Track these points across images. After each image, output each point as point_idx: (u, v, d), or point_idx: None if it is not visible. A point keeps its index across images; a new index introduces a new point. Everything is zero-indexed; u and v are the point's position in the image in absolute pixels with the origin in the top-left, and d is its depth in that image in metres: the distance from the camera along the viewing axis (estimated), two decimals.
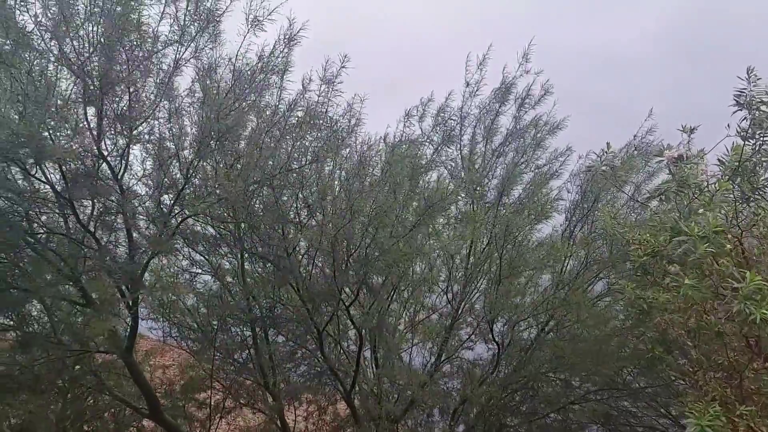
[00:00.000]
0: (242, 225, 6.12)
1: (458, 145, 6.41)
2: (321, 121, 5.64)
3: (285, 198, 5.84)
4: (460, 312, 6.87)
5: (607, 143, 5.60)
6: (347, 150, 5.76)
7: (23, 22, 4.75)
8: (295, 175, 5.66)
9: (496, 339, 6.81)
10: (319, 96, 5.39)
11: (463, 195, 6.42)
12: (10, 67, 4.66)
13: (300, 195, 5.83)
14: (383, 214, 5.56)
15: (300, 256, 6.16)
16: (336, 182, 5.92)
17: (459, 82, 6.39)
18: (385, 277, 6.14)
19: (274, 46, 5.54)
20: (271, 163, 5.65)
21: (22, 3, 4.76)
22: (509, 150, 6.36)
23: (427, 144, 5.90)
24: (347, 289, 6.22)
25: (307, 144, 5.64)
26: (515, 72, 6.10)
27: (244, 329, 6.90)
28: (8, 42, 4.78)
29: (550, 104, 6.25)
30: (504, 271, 6.26)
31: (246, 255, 6.39)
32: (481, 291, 6.96)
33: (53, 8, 4.82)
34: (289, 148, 5.56)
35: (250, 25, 5.32)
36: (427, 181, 6.19)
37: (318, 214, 5.87)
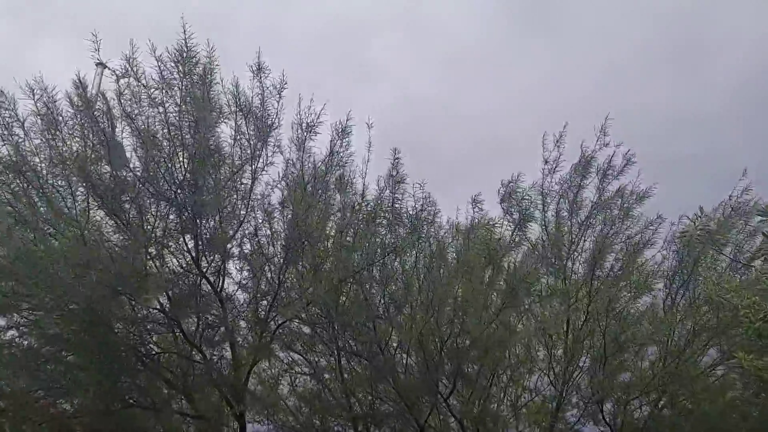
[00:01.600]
0: (335, 323, 6.25)
1: (542, 222, 6.32)
2: (394, 215, 5.75)
3: (372, 293, 5.94)
4: (565, 393, 6.56)
5: (700, 207, 5.34)
6: (427, 241, 5.83)
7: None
8: (377, 270, 5.77)
9: (608, 420, 6.44)
10: (392, 191, 5.53)
11: (552, 271, 6.28)
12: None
13: (385, 290, 5.91)
14: (468, 301, 5.54)
15: (393, 350, 6.18)
16: (418, 273, 5.94)
17: (528, 159, 6.41)
18: (480, 363, 6.01)
19: (331, 144, 5.71)
20: (354, 259, 5.78)
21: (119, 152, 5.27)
22: (596, 222, 6.21)
23: (508, 224, 5.89)
24: (444, 380, 6.14)
25: (385, 239, 5.75)
26: (594, 146, 6.05)
27: (346, 427, 6.89)
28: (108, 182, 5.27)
29: (634, 172, 6.11)
30: (609, 348, 6.00)
31: (341, 352, 6.48)
32: (585, 369, 6.64)
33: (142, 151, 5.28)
34: (369, 244, 5.69)
35: (305, 131, 5.62)
36: (512, 262, 6.12)
37: (405, 307, 5.91)
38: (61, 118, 5.26)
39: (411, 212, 5.56)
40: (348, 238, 5.64)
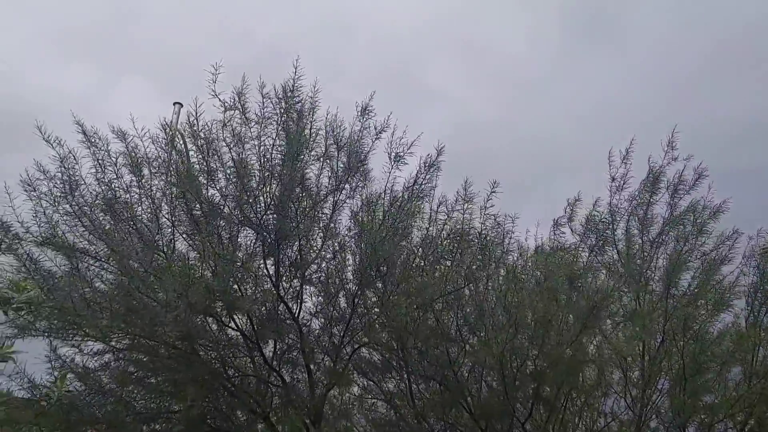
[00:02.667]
0: (406, 348, 6.31)
1: (612, 241, 6.30)
2: (471, 239, 5.83)
3: (446, 318, 6.00)
4: (644, 417, 6.40)
5: None
6: (501, 264, 5.89)
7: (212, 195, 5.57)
8: (452, 295, 5.84)
9: None
10: (464, 214, 5.64)
11: (626, 291, 6.21)
12: (203, 233, 5.43)
13: (460, 314, 5.96)
14: (546, 323, 5.52)
15: (466, 375, 6.18)
16: (492, 296, 5.98)
17: (591, 177, 6.44)
18: (558, 387, 5.95)
19: (417, 175, 5.92)
20: (430, 286, 5.87)
21: (210, 179, 5.59)
22: (668, 239, 6.14)
23: (582, 246, 5.90)
24: (519, 405, 6.09)
25: (461, 264, 5.83)
26: (662, 160, 6.04)
27: None
28: (200, 210, 5.59)
29: (705, 186, 6.05)
30: (688, 369, 5.84)
31: (413, 377, 6.52)
32: (664, 392, 6.47)
33: (234, 179, 5.60)
34: (445, 270, 5.77)
35: (393, 162, 5.82)
36: (587, 283, 6.08)
37: (480, 330, 5.93)
38: (147, 156, 5.68)
39: (484, 236, 5.64)
40: (425, 264, 5.75)
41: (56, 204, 5.43)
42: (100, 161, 5.51)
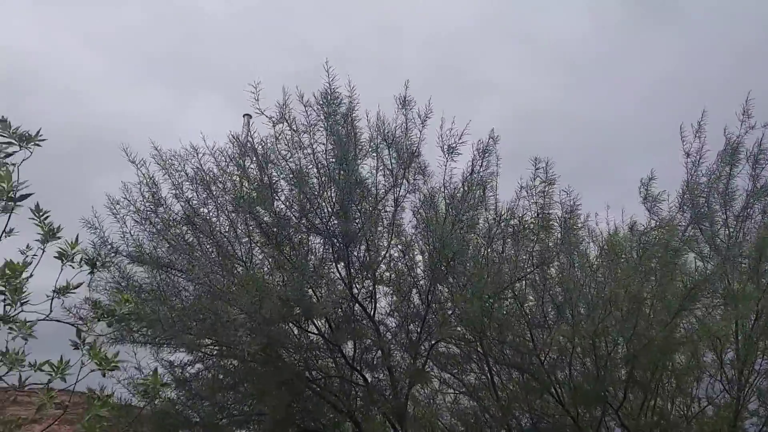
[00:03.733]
0: (485, 339, 6.28)
1: (694, 218, 6.02)
2: (543, 224, 5.73)
3: (527, 304, 5.93)
4: (742, 400, 6.07)
5: None
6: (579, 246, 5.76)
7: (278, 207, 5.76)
8: (531, 278, 5.76)
9: None
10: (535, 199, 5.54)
11: (727, 271, 5.90)
12: (273, 244, 5.63)
13: (545, 297, 5.86)
14: (639, 303, 5.35)
15: (554, 361, 6.08)
16: (580, 276, 5.81)
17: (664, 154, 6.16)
18: (652, 370, 5.75)
19: (472, 163, 5.87)
20: (506, 272, 5.80)
21: (274, 192, 5.77)
22: (755, 213, 5.80)
23: (679, 223, 5.68)
24: (611, 389, 5.92)
25: (536, 247, 5.74)
26: (739, 130, 5.71)
27: None
28: (270, 221, 5.79)
29: None
30: None
31: (495, 368, 6.48)
32: (762, 372, 6.12)
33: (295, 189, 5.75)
34: (518, 255, 5.70)
35: (446, 154, 5.80)
36: (684, 263, 5.83)
37: (567, 312, 5.81)
38: (219, 171, 5.96)
39: (560, 219, 5.53)
40: (495, 253, 5.70)
41: (141, 223, 5.82)
42: (177, 180, 5.82)
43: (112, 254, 5.47)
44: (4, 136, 3.48)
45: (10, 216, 3.74)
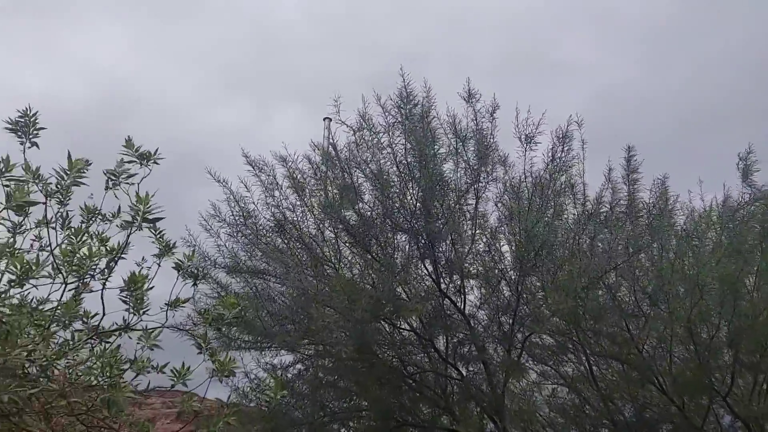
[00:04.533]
0: (581, 330, 6.15)
1: None
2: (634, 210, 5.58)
3: (621, 293, 5.78)
4: None
5: None
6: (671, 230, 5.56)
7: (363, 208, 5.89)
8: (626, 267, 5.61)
9: None
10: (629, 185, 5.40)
11: None
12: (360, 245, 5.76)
13: (636, 286, 5.70)
14: (735, 284, 5.10)
15: (653, 350, 5.89)
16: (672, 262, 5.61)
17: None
18: (760, 353, 5.46)
19: (552, 152, 5.78)
20: (595, 261, 5.69)
21: (358, 194, 5.90)
22: None
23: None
24: (717, 375, 5.67)
25: (628, 234, 5.59)
26: None
27: None
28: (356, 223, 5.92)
29: None
30: None
31: (592, 359, 6.34)
32: None
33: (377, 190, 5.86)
34: (612, 243, 5.57)
35: (524, 143, 5.74)
36: None
37: (662, 299, 5.62)
38: (304, 177, 6.16)
39: (649, 204, 5.38)
40: (585, 240, 5.60)
41: (234, 235, 6.10)
42: (267, 187, 6.07)
43: (210, 267, 5.77)
44: (129, 156, 3.79)
45: (130, 233, 4.04)
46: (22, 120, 3.83)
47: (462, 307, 6.03)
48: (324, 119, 7.29)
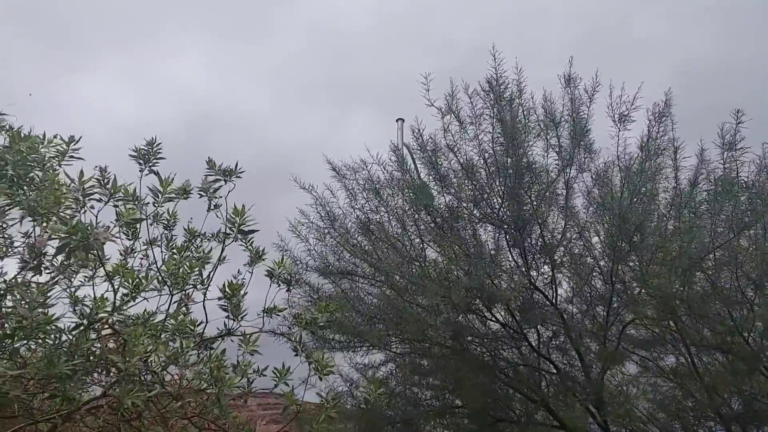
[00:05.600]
0: (680, 319, 5.87)
1: None
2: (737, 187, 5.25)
3: (722, 280, 5.46)
4: None
5: None
6: None
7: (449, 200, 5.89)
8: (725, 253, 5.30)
9: None
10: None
11: None
12: (448, 238, 5.76)
13: (737, 271, 5.37)
14: None
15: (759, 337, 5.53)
16: None
17: None
18: None
19: (649, 131, 5.53)
20: (693, 245, 5.41)
21: (444, 185, 5.91)
22: None
23: None
24: None
25: (728, 214, 5.26)
26: None
27: (716, 428, 6.30)
28: (443, 217, 5.94)
29: None
30: None
31: (693, 349, 6.02)
32: None
33: (464, 181, 5.83)
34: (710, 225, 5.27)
35: (618, 124, 5.52)
36: None
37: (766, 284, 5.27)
38: (385, 177, 6.25)
39: (748, 182, 5.05)
40: (683, 223, 5.33)
41: (321, 239, 6.27)
42: (351, 190, 6.19)
43: (303, 271, 5.96)
44: (212, 174, 4.05)
45: (224, 245, 4.29)
46: (146, 149, 4.16)
47: (554, 298, 5.90)
48: (397, 120, 7.35)
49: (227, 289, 4.44)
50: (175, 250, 4.53)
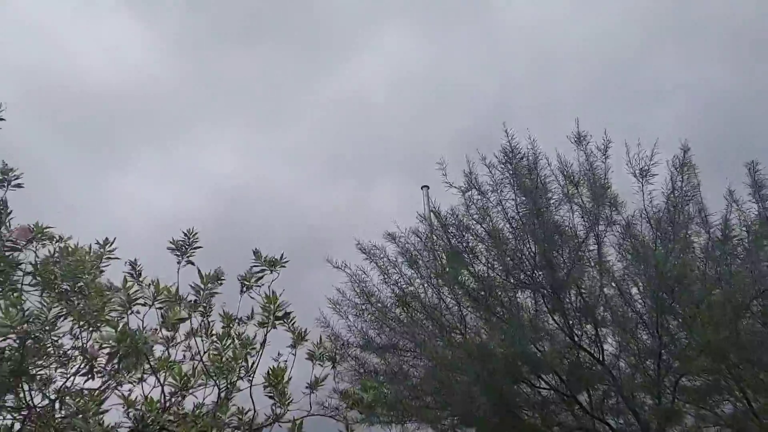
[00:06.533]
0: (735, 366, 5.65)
1: None
2: None
3: None
4: None
5: None
6: None
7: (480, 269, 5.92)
8: None
9: None
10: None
11: None
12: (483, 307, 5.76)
13: None
14: None
15: None
16: None
17: None
18: None
19: (672, 183, 5.54)
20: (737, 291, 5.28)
21: (474, 256, 5.96)
22: None
23: None
24: None
25: None
26: None
27: None
28: (476, 286, 5.95)
29: None
30: None
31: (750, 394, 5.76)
32: None
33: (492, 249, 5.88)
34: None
35: (640, 179, 5.56)
36: None
37: None
38: (414, 249, 6.34)
39: None
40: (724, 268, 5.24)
41: (360, 314, 6.33)
42: (383, 266, 6.29)
43: (345, 347, 6.00)
44: (257, 265, 4.24)
45: (268, 330, 4.40)
46: (182, 240, 4.38)
47: (600, 357, 5.77)
48: (422, 188, 7.53)
49: (272, 376, 4.52)
50: (215, 337, 4.69)
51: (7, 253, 3.73)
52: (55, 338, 3.94)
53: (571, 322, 5.72)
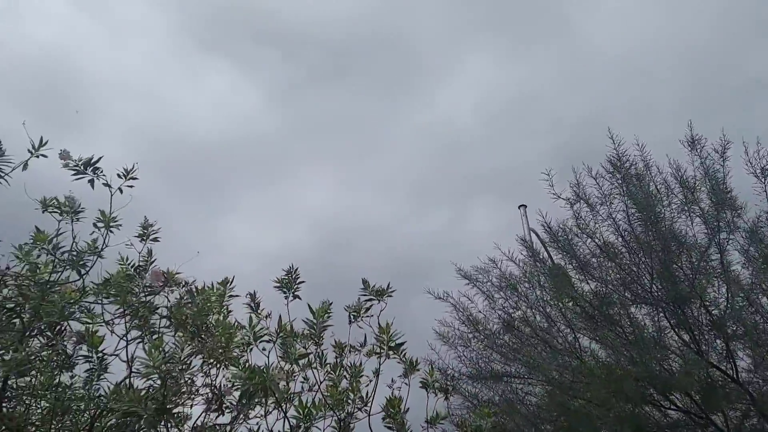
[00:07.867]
0: None
1: None
2: None
3: None
4: None
5: None
6: None
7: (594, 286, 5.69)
8: None
9: None
10: None
11: None
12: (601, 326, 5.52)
13: None
14: None
15: None
16: None
17: None
18: None
19: None
20: None
21: (584, 272, 5.76)
22: None
23: None
24: None
25: None
26: None
27: None
28: (591, 304, 5.73)
29: None
30: None
31: None
32: None
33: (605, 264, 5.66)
34: None
35: (762, 178, 5.18)
36: None
37: None
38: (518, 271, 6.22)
39: None
40: None
41: (468, 344, 6.26)
42: (487, 293, 6.21)
43: (457, 378, 5.94)
44: (366, 295, 4.43)
45: (383, 361, 4.48)
46: (287, 277, 4.62)
47: (734, 374, 5.33)
48: (519, 207, 7.39)
49: (389, 407, 4.56)
50: (329, 367, 4.83)
51: (145, 299, 4.08)
52: (188, 377, 4.23)
53: (697, 337, 5.34)
